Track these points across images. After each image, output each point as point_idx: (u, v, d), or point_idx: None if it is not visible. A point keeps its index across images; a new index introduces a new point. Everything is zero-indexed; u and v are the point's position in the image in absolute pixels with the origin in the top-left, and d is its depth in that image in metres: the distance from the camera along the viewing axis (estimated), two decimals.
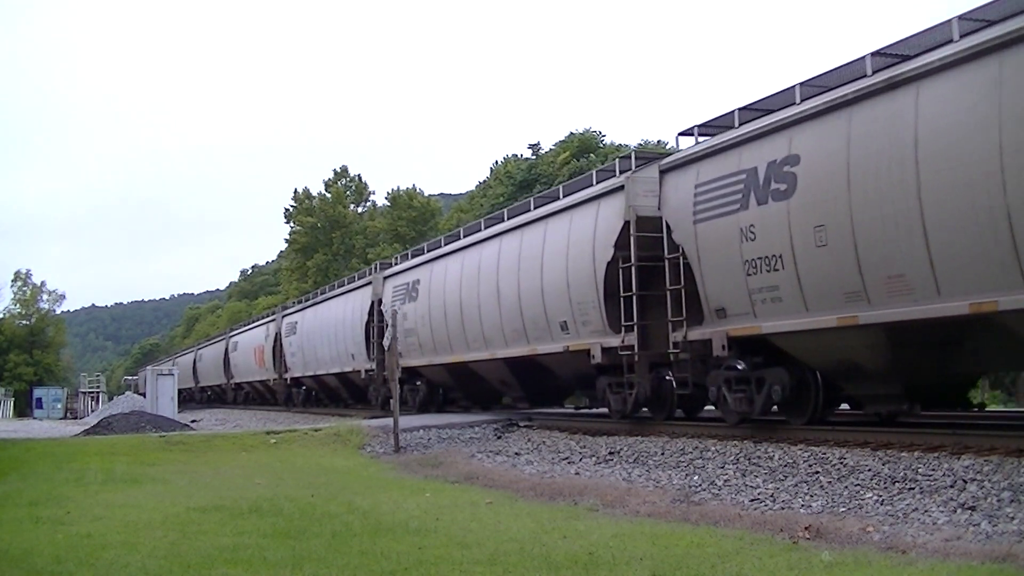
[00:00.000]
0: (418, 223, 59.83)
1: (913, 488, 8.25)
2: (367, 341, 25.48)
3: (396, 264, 25.38)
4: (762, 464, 10.40)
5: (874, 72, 9.98)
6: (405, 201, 61.31)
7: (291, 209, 65.46)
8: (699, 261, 12.49)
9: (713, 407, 15.11)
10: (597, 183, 15.38)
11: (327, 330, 29.43)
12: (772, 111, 11.63)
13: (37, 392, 55.72)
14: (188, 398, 56.45)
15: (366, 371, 25.75)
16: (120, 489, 10.47)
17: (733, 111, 12.24)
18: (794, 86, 11.20)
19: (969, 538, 6.46)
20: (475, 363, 19.67)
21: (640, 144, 40.60)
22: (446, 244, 21.69)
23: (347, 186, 66.46)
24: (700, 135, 12.97)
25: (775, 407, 12.10)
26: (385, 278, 24.89)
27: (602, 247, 14.50)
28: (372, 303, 25.24)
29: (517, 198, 32.40)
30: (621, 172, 14.51)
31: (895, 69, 9.73)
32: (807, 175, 10.66)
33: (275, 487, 10.45)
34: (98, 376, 62.78)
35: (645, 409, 14.69)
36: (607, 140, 45.12)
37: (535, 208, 17.66)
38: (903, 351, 10.28)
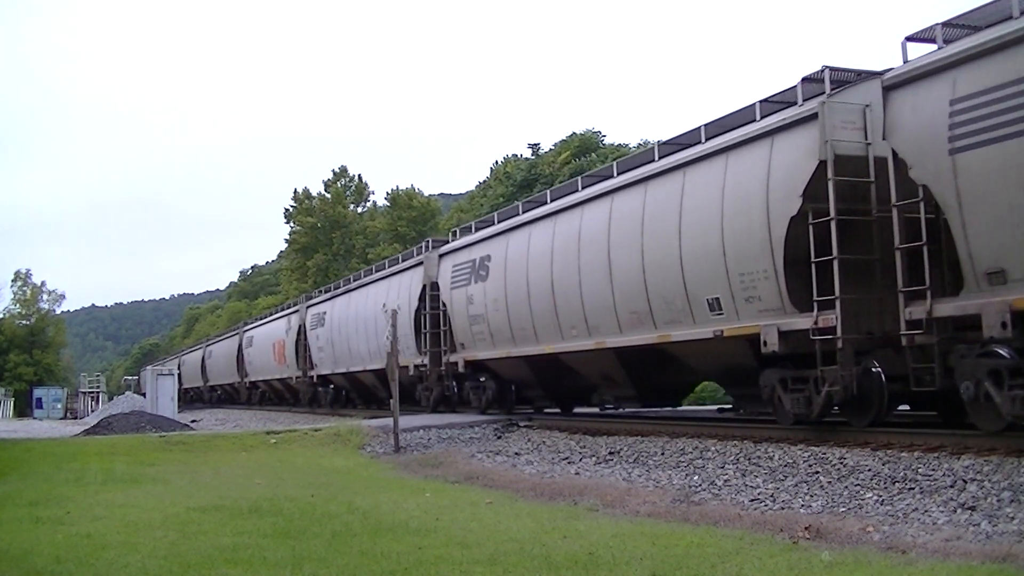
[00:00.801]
0: (418, 223, 59.87)
1: (913, 488, 8.25)
2: (417, 332, 21.74)
3: (455, 239, 21.50)
4: (762, 464, 10.40)
5: None
6: (405, 201, 61.35)
7: (291, 209, 65.55)
8: (960, 206, 9.09)
9: (908, 408, 12.42)
10: (762, 118, 11.87)
11: (364, 320, 26.13)
12: None
13: (37, 392, 55.78)
14: (195, 398, 54.92)
15: (415, 367, 21.75)
16: (120, 489, 10.47)
17: None
18: None
19: (969, 538, 6.47)
20: (569, 355, 16.23)
21: (640, 144, 40.51)
22: (526, 211, 17.99)
23: (347, 186, 66.54)
24: (946, 40, 9.67)
25: None
26: (441, 256, 21.16)
27: (782, 197, 11.05)
28: (424, 287, 21.57)
29: (517, 198, 32.29)
30: (806, 99, 11.17)
31: None
32: None
33: (275, 487, 10.45)
34: (98, 376, 62.90)
35: (836, 409, 11.28)
36: (607, 140, 45.15)
37: (660, 158, 13.91)
38: None
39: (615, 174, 15.15)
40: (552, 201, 17.04)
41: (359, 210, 66.60)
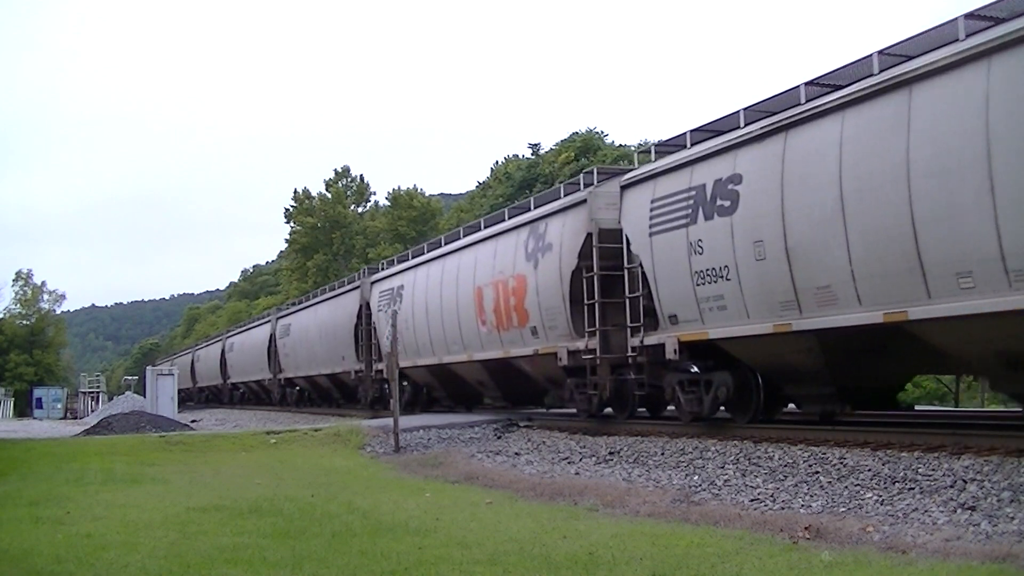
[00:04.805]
0: (418, 223, 59.89)
1: (913, 488, 8.25)
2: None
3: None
4: (762, 464, 10.39)
5: None
6: (406, 201, 61.36)
7: (291, 209, 65.53)
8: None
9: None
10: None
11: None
12: None
13: (37, 392, 55.77)
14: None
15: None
16: (120, 489, 10.47)
17: None
18: None
19: (969, 538, 6.47)
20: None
21: (640, 144, 40.41)
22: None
23: (348, 186, 66.54)
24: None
25: None
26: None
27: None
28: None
29: (517, 198, 32.36)
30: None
31: None
32: None
33: (275, 487, 10.45)
34: (98, 376, 62.80)
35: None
36: (609, 140, 45.08)
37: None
38: None
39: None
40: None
41: (360, 210, 66.63)
